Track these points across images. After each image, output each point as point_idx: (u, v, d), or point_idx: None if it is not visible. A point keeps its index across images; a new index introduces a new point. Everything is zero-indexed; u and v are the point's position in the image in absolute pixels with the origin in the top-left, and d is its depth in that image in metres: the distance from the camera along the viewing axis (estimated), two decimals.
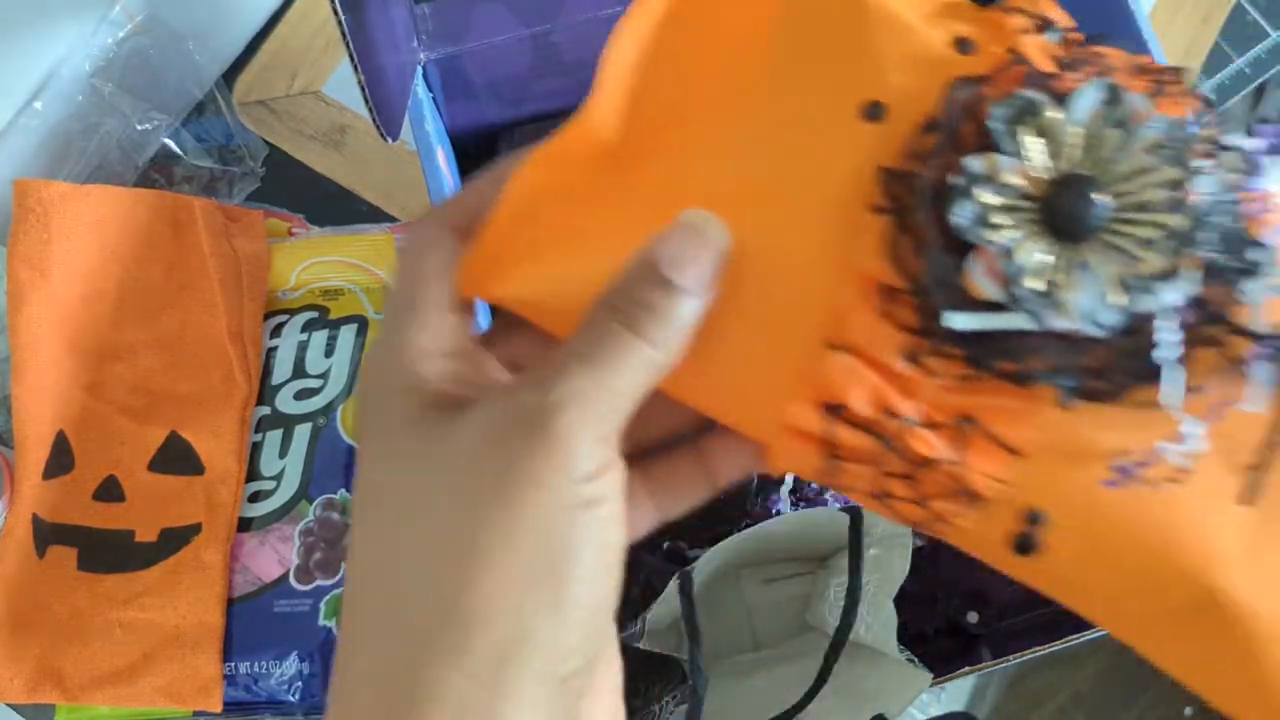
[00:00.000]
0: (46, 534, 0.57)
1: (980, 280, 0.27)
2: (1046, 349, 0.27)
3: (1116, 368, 0.28)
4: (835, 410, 0.28)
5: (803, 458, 0.29)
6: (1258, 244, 0.28)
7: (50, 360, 0.60)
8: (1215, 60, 0.70)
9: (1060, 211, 0.27)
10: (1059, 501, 0.29)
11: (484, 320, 0.39)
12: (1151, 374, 0.27)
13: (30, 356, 0.60)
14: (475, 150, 0.61)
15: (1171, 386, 0.27)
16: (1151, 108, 0.27)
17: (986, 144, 0.27)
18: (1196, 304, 0.27)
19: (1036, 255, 0.27)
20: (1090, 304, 0.27)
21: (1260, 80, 0.69)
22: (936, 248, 0.27)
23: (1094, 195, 0.27)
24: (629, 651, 0.53)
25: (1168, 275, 0.27)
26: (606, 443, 0.26)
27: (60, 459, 0.59)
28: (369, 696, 0.25)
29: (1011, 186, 0.27)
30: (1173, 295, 0.27)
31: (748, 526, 0.55)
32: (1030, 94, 0.27)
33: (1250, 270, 0.28)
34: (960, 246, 0.27)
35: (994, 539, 0.29)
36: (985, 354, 0.27)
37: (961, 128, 0.27)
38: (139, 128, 0.67)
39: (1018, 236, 0.27)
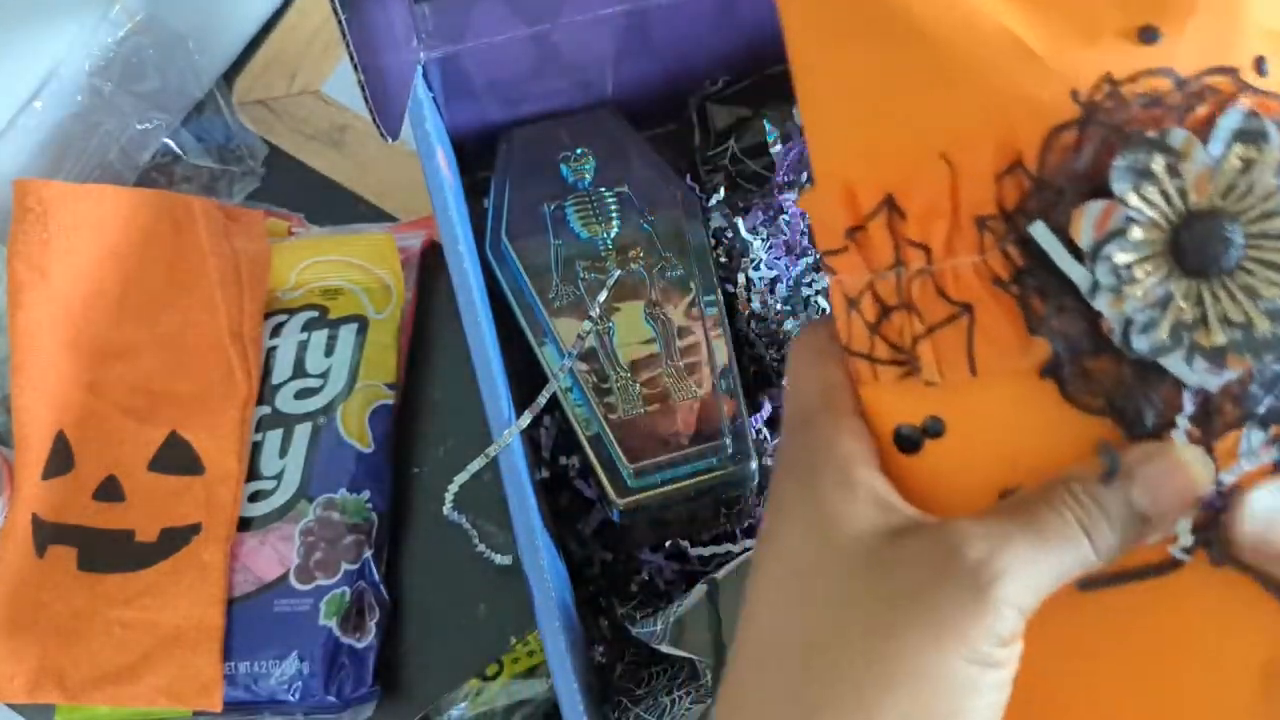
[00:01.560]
0: (46, 534, 0.57)
1: (1085, 224, 0.26)
2: (1074, 322, 0.27)
3: (1107, 388, 0.28)
4: (893, 203, 0.29)
5: (834, 213, 0.30)
6: None
7: (50, 360, 0.60)
8: None
9: (1188, 249, 0.26)
10: (961, 425, 0.29)
11: None
12: (1133, 421, 0.28)
13: (30, 356, 0.60)
14: (475, 150, 0.61)
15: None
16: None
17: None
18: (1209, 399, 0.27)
19: (1147, 263, 0.26)
20: (1142, 318, 0.27)
21: None
22: (1074, 176, 0.27)
23: (1226, 231, 0.26)
24: (632, 640, 0.54)
25: (1220, 359, 0.26)
26: (1025, 615, 0.28)
27: (60, 459, 0.59)
28: None
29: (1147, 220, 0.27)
30: (1213, 379, 0.27)
31: (751, 528, 0.55)
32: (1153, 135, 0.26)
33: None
34: (1091, 192, 0.27)
35: (888, 423, 0.31)
36: (1030, 278, 0.27)
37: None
38: (139, 127, 0.67)
39: (1147, 266, 0.27)
